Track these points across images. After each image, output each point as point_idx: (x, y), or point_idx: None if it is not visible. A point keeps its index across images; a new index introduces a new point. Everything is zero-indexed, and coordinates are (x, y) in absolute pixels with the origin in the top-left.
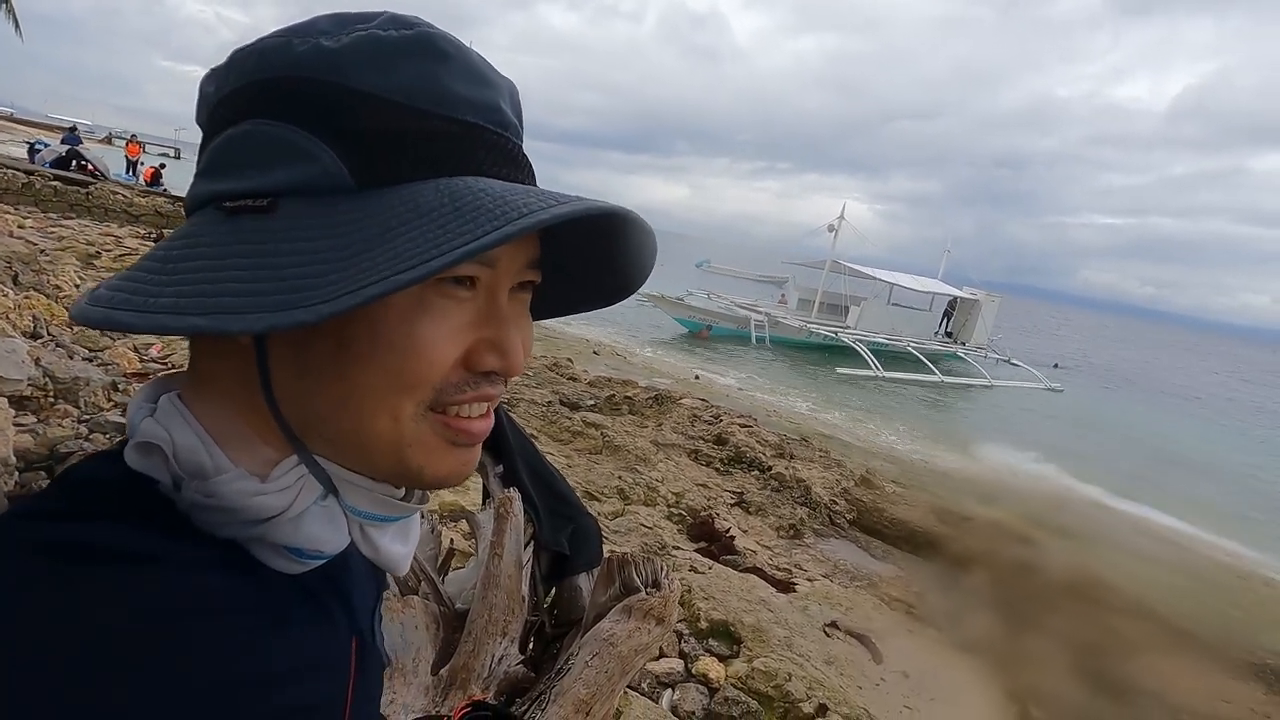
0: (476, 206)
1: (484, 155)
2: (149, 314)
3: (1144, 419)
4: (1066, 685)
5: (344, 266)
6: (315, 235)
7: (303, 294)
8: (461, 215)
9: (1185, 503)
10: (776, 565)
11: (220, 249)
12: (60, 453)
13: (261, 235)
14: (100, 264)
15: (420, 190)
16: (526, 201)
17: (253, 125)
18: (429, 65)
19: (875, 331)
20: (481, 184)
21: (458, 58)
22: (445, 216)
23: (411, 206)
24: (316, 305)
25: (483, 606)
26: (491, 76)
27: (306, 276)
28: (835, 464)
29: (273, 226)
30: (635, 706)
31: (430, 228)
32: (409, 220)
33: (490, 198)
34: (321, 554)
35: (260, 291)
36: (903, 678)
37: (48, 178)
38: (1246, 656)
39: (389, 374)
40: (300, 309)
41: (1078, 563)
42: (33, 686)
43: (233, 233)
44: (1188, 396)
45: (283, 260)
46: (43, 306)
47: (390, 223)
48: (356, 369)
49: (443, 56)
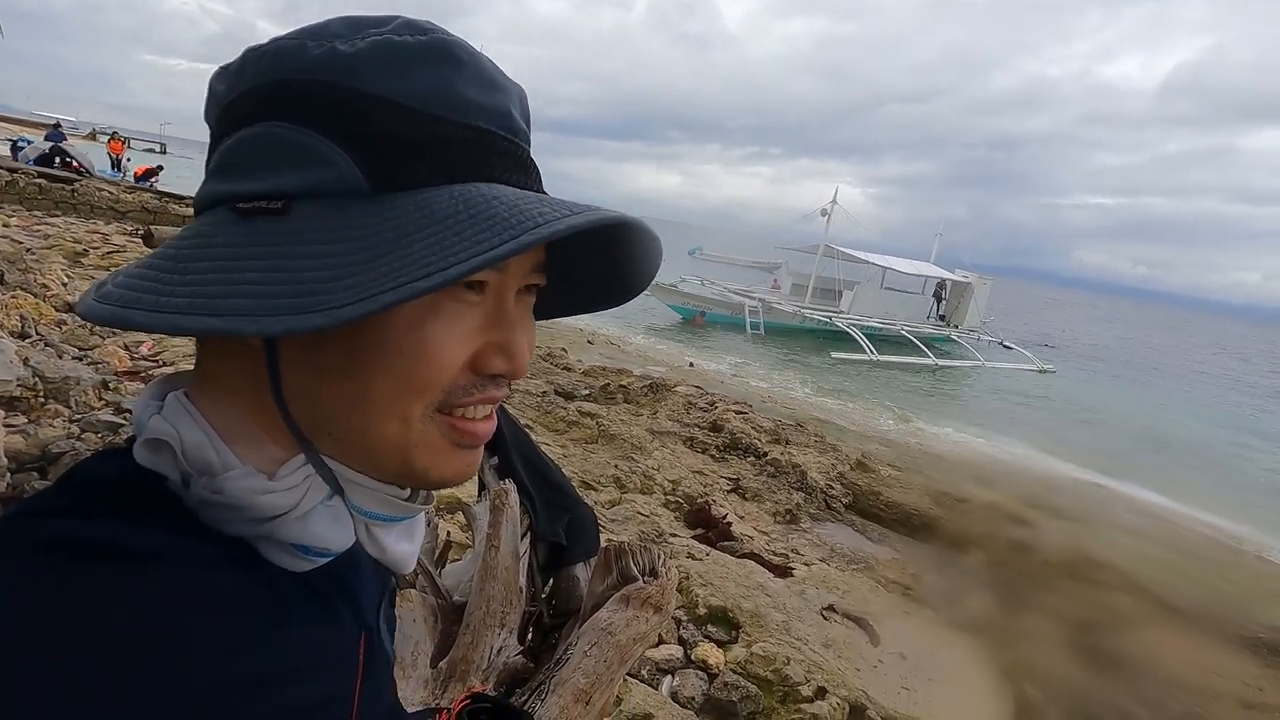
0: (491, 214)
1: (496, 161)
2: (162, 314)
3: (1135, 398)
4: (1062, 662)
5: (359, 271)
6: (330, 239)
7: (318, 298)
8: (476, 223)
9: (1176, 480)
10: (773, 550)
11: (233, 249)
12: (52, 453)
13: (275, 237)
14: (88, 261)
15: (435, 196)
16: (541, 211)
17: (265, 127)
18: (443, 71)
19: (869, 315)
20: (495, 191)
21: (471, 64)
22: (460, 224)
23: (426, 212)
24: (332, 310)
25: (480, 598)
26: (503, 82)
27: (322, 280)
28: (831, 448)
29: (286, 229)
30: (635, 694)
31: (445, 234)
32: (424, 226)
33: (505, 205)
34: (328, 552)
35: (275, 294)
36: (900, 659)
37: (32, 175)
38: (1239, 630)
39: (399, 377)
40: (316, 313)
41: (1072, 542)
42: (31, 686)
43: (246, 234)
44: (1179, 375)
45: (297, 264)
46: (30, 306)
47: (405, 228)
48: (367, 372)
49: (457, 62)
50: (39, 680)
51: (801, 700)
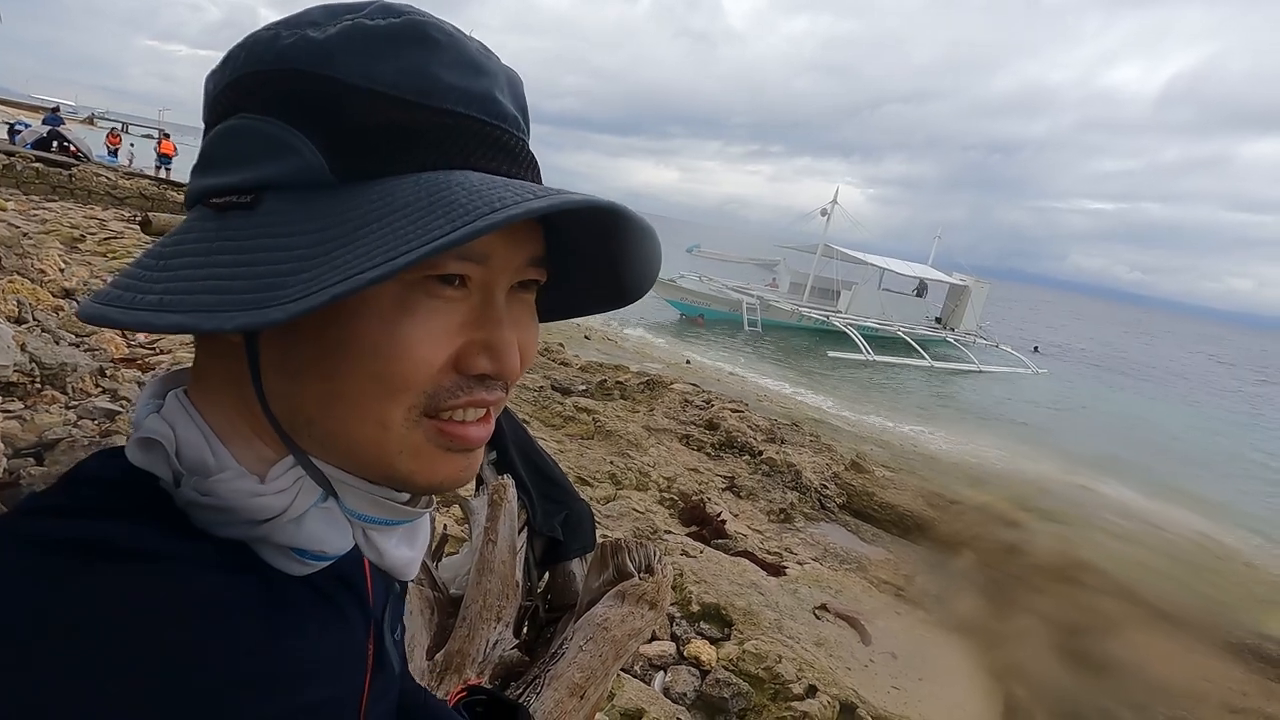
0: (450, 201)
1: (475, 148)
2: (134, 311)
3: (1126, 402)
4: (1050, 664)
5: (316, 264)
6: (292, 231)
7: (274, 292)
8: (434, 210)
9: (1166, 485)
10: (767, 549)
11: (204, 245)
12: (49, 439)
13: (243, 232)
14: (85, 247)
15: (399, 185)
16: (502, 195)
17: (239, 120)
18: (417, 54)
19: (866, 316)
20: (462, 178)
21: (449, 46)
22: (419, 212)
23: (387, 202)
24: (286, 304)
25: (477, 592)
26: (487, 65)
27: (280, 275)
28: (826, 448)
29: (255, 222)
30: (628, 689)
31: (403, 224)
32: (383, 216)
33: (466, 191)
34: (325, 555)
35: (236, 289)
36: (891, 658)
37: (29, 159)
38: (1226, 636)
39: (371, 377)
40: (272, 307)
41: (1062, 545)
42: (27, 685)
43: (217, 229)
44: (1170, 380)
45: (260, 257)
46: (28, 291)
47: (366, 218)
48: (339, 370)
49: (432, 45)
50: (36, 679)
51: (792, 698)
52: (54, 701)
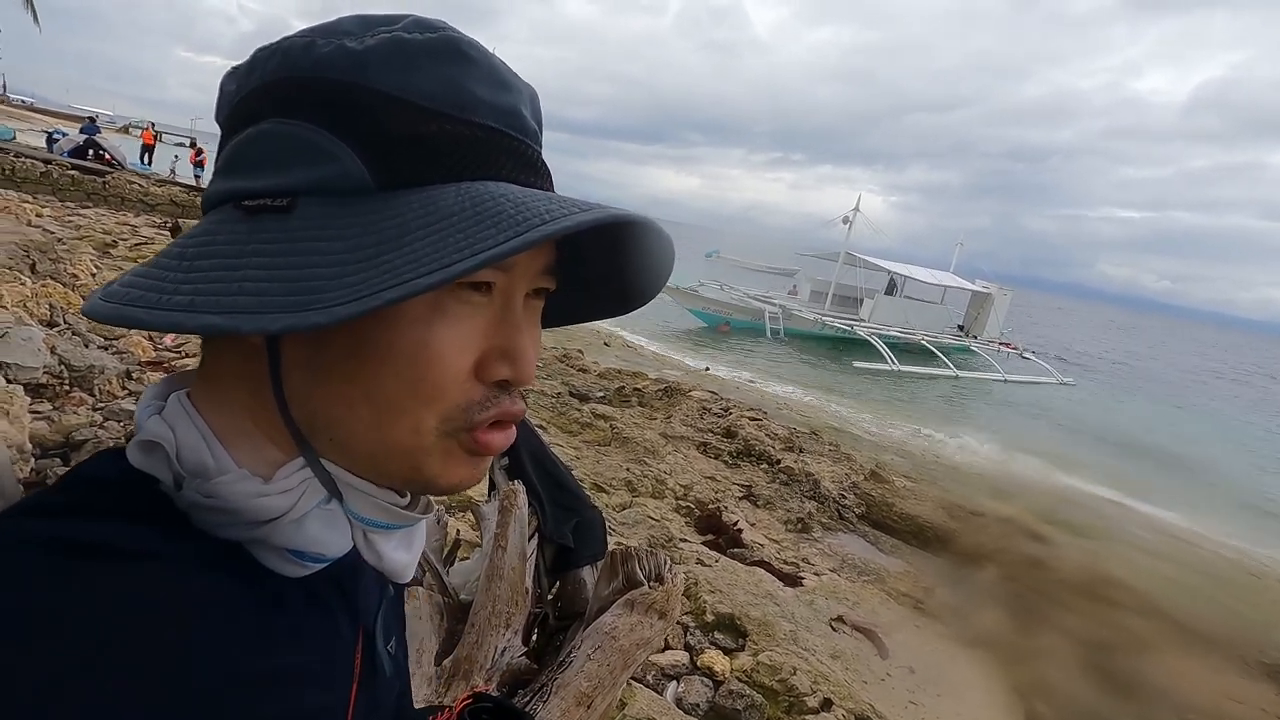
0: (497, 212)
1: (504, 160)
2: (163, 311)
3: (1155, 414)
4: (1073, 682)
5: (362, 269)
6: (333, 236)
7: (319, 295)
8: (481, 220)
9: (1198, 501)
10: (784, 559)
11: (238, 247)
12: (75, 440)
13: (279, 234)
14: (117, 253)
15: (440, 194)
16: (549, 208)
17: (273, 124)
18: (452, 69)
19: (888, 324)
20: (502, 189)
21: (481, 62)
22: (465, 221)
23: (431, 210)
24: (333, 307)
25: (486, 598)
26: (513, 82)
27: (323, 278)
28: (845, 458)
29: (290, 226)
30: (639, 698)
31: (450, 232)
32: (429, 224)
33: (511, 203)
34: (323, 557)
35: (276, 292)
36: (909, 672)
37: (65, 167)
38: (1258, 656)
39: (403, 380)
40: (315, 310)
41: (1088, 560)
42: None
43: (250, 231)
44: (1201, 392)
45: (300, 260)
46: (59, 295)
47: (409, 225)
48: (370, 373)
49: (466, 61)
50: (34, 679)
51: (807, 711)
52: (53, 701)
